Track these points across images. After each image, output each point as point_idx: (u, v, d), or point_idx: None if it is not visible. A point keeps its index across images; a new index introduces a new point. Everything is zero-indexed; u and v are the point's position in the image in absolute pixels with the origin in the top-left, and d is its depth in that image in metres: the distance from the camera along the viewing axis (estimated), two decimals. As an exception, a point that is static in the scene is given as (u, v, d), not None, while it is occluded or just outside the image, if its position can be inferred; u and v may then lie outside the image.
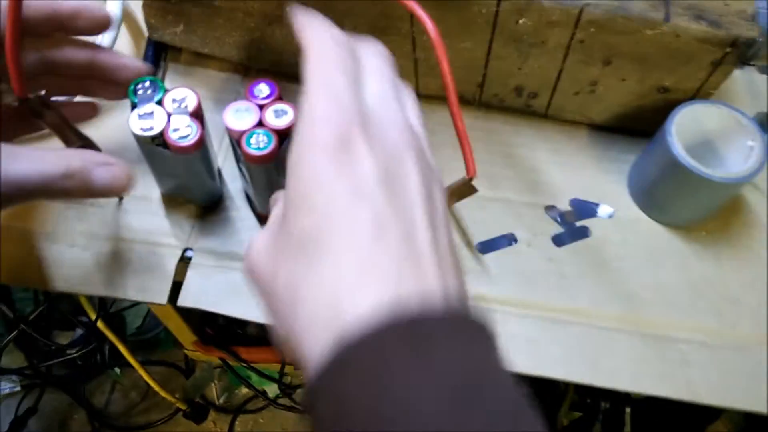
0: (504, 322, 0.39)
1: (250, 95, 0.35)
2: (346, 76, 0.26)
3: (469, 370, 0.21)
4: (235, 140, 0.34)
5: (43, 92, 0.33)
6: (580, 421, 0.77)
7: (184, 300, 0.39)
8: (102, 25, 0.35)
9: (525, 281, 0.40)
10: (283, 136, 0.34)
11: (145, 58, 0.45)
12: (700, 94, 0.41)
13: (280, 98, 0.35)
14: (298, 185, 0.25)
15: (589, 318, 0.39)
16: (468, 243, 0.41)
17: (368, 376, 0.21)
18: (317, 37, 0.27)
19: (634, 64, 0.40)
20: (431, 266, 0.24)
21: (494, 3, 0.38)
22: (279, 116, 0.34)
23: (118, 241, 0.40)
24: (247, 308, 0.39)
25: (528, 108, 0.46)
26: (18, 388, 1.08)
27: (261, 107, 0.34)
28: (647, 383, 0.37)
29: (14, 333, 0.86)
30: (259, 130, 0.34)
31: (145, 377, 0.95)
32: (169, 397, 1.01)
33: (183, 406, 1.07)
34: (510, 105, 0.46)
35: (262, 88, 0.35)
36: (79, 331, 1.06)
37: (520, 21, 0.38)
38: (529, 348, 0.38)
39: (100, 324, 0.86)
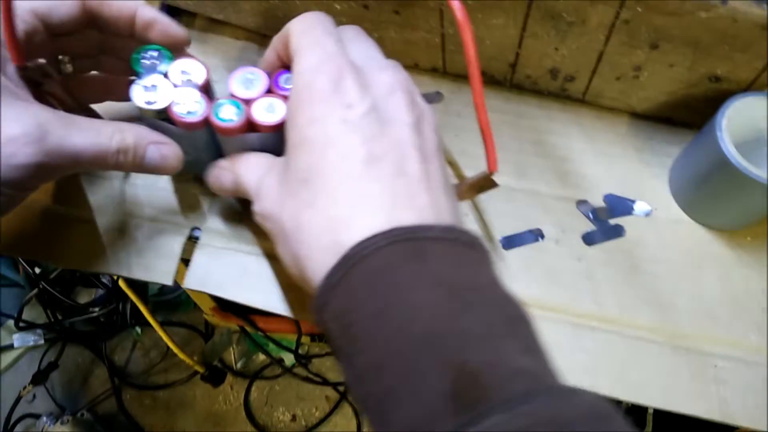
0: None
1: (273, 82, 0.33)
2: (332, 37, 0.29)
3: (464, 274, 0.24)
4: None
5: (43, 61, 0.32)
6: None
7: (190, 282, 0.37)
8: (175, 42, 0.34)
9: (550, 281, 0.38)
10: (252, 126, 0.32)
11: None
12: (755, 85, 0.38)
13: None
14: (298, 131, 0.27)
15: (618, 325, 0.36)
16: (490, 237, 0.39)
17: (372, 279, 0.23)
18: (298, 20, 0.30)
19: (685, 49, 0.36)
20: (423, 196, 0.26)
21: (533, -24, 0.34)
22: (270, 111, 0.32)
23: (124, 217, 0.38)
24: (254, 293, 0.37)
25: (563, 92, 0.42)
26: (42, 341, 1.10)
27: (269, 91, 0.33)
28: (677, 400, 0.35)
29: (35, 290, 0.88)
30: (231, 101, 0.32)
31: (165, 338, 0.96)
32: (187, 360, 1.02)
33: (201, 369, 1.08)
34: (544, 88, 0.42)
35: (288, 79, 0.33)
36: (102, 290, 1.08)
37: (561, -3, 0.35)
38: (551, 354, 0.36)
39: (121, 283, 0.86)
